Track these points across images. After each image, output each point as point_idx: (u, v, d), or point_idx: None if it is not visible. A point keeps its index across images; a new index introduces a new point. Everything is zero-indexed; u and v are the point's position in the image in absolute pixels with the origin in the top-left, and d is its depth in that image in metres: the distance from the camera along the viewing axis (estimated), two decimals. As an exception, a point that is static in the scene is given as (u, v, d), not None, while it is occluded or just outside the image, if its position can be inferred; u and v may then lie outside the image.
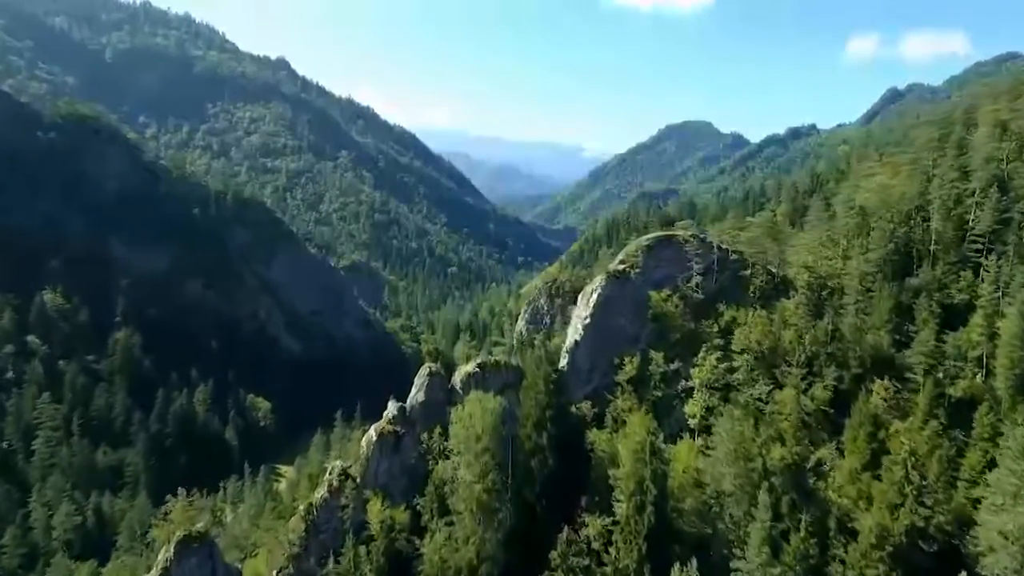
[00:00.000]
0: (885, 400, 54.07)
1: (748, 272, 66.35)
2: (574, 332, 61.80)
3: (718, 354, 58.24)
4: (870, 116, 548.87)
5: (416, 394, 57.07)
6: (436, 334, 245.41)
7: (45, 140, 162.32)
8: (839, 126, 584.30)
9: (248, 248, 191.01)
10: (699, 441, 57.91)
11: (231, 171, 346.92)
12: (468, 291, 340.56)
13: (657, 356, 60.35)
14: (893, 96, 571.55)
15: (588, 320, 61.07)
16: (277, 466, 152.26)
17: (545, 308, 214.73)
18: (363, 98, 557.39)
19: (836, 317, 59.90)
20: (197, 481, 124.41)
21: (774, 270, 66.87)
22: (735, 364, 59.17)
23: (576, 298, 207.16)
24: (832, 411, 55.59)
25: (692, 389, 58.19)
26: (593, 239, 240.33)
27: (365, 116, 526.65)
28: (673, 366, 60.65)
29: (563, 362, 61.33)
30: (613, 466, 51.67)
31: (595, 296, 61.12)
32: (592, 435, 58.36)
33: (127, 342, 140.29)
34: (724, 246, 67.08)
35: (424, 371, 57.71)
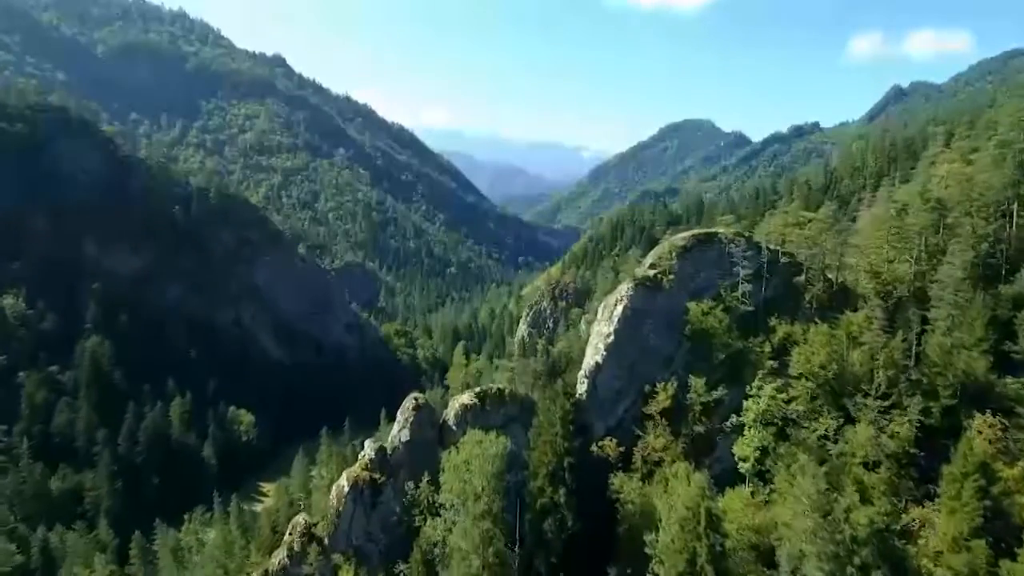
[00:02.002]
0: (991, 441, 42.81)
1: (803, 278, 54.97)
2: (594, 352, 50.39)
3: (777, 382, 46.74)
4: (874, 114, 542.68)
5: (399, 432, 45.65)
6: (433, 339, 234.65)
7: (10, 132, 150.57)
8: (842, 124, 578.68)
9: (232, 249, 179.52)
10: (748, 486, 46.80)
11: (225, 169, 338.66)
12: (467, 292, 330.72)
13: (697, 382, 48.99)
14: (897, 94, 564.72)
15: (612, 338, 49.73)
16: (260, 483, 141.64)
17: (548, 311, 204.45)
18: (362, 97, 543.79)
19: (918, 334, 48.53)
20: (168, 505, 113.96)
21: (832, 276, 55.45)
22: (793, 392, 47.81)
23: (581, 300, 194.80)
24: (919, 453, 44.32)
25: (743, 426, 46.77)
26: (597, 238, 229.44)
27: (363, 114, 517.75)
28: (716, 394, 49.31)
29: (581, 389, 49.92)
30: (648, 527, 40.38)
31: (620, 308, 49.77)
32: (618, 481, 47.09)
33: (95, 351, 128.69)
34: (773, 247, 55.65)
35: (408, 403, 46.24)
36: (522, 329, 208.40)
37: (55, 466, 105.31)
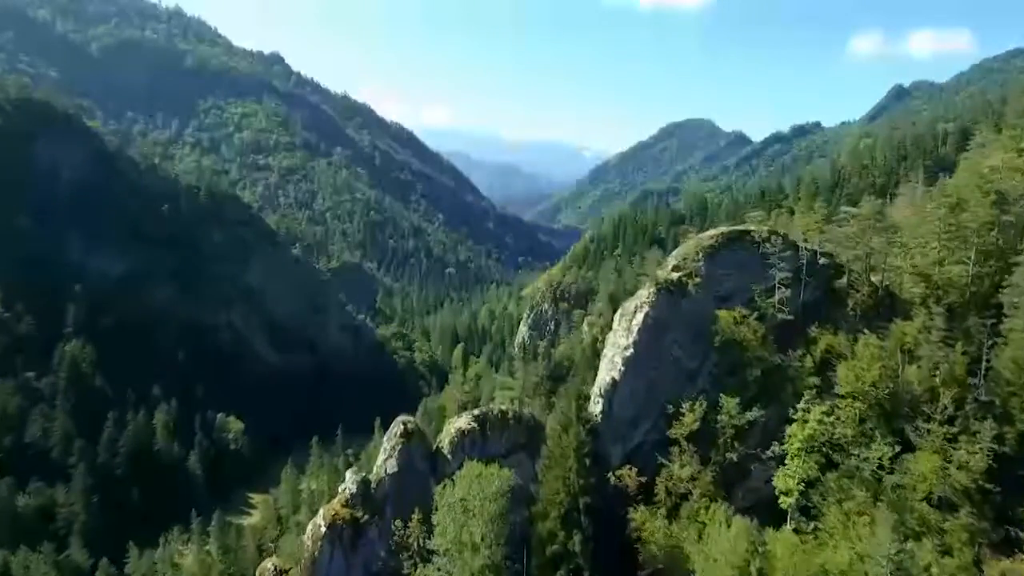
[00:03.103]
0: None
1: (845, 281, 48.54)
2: (610, 367, 43.97)
3: (825, 404, 40.27)
4: (876, 113, 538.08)
5: (385, 462, 39.17)
6: (431, 341, 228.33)
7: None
8: (844, 124, 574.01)
9: (223, 249, 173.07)
10: (790, 523, 40.41)
11: (222, 168, 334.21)
12: (466, 293, 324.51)
13: (729, 402, 42.56)
14: (899, 93, 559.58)
15: (631, 351, 43.31)
16: (250, 494, 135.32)
17: (549, 313, 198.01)
18: (361, 97, 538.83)
19: (983, 347, 42.08)
20: (150, 521, 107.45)
21: (878, 279, 49.01)
22: (840, 414, 41.34)
23: (583, 302, 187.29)
24: (996, 488, 37.91)
25: (783, 455, 40.31)
26: (598, 238, 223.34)
27: (361, 113, 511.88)
28: (751, 415, 42.86)
29: (595, 409, 43.47)
30: (679, 577, 34.06)
31: (641, 317, 43.36)
32: (639, 516, 40.73)
33: (75, 356, 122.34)
34: (810, 246, 49.21)
35: (396, 429, 39.73)
36: (523, 331, 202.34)
37: (26, 480, 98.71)
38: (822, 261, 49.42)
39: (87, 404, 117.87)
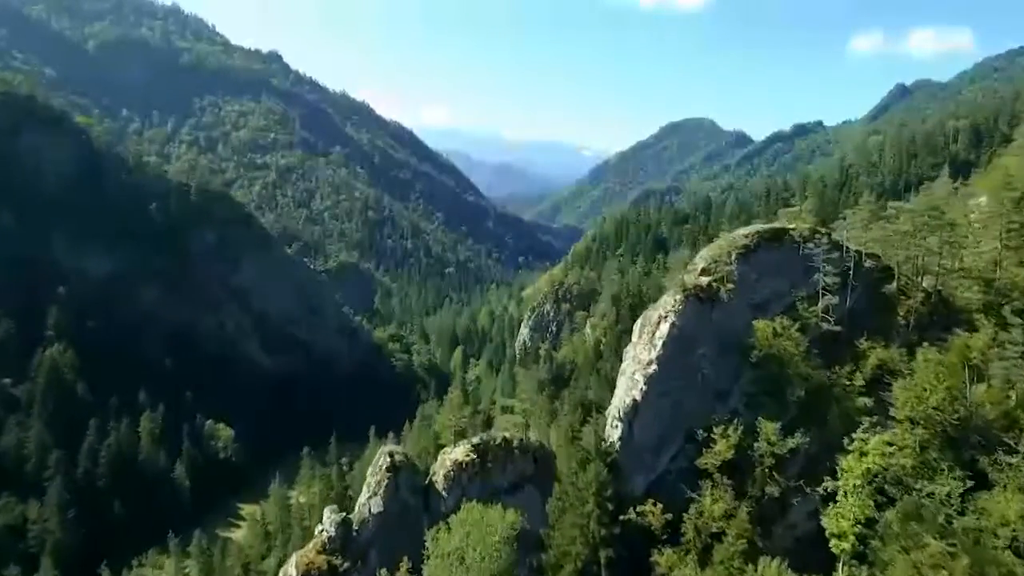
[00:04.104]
0: None
1: (894, 286, 42.68)
2: (631, 386, 38.11)
3: (887, 433, 34.43)
4: (878, 112, 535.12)
5: (369, 501, 33.32)
6: (430, 344, 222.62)
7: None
8: (845, 122, 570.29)
9: (214, 249, 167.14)
10: (842, 570, 34.61)
11: (218, 167, 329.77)
12: (466, 293, 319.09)
13: (768, 426, 36.75)
14: (901, 92, 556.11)
15: (654, 367, 37.49)
16: (240, 505, 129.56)
17: (551, 314, 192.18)
18: (360, 98, 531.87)
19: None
20: (132, 536, 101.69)
21: (932, 284, 43.16)
22: (897, 441, 35.52)
23: (585, 303, 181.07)
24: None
25: (834, 493, 34.50)
26: (600, 238, 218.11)
27: (360, 111, 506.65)
28: (793, 442, 37.03)
29: (614, 434, 37.62)
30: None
31: (666, 328, 37.54)
32: (664, 561, 34.91)
33: (55, 361, 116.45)
34: (854, 246, 43.36)
35: (382, 461, 33.89)
36: (524, 333, 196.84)
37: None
38: (867, 263, 43.59)
39: (67, 412, 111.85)
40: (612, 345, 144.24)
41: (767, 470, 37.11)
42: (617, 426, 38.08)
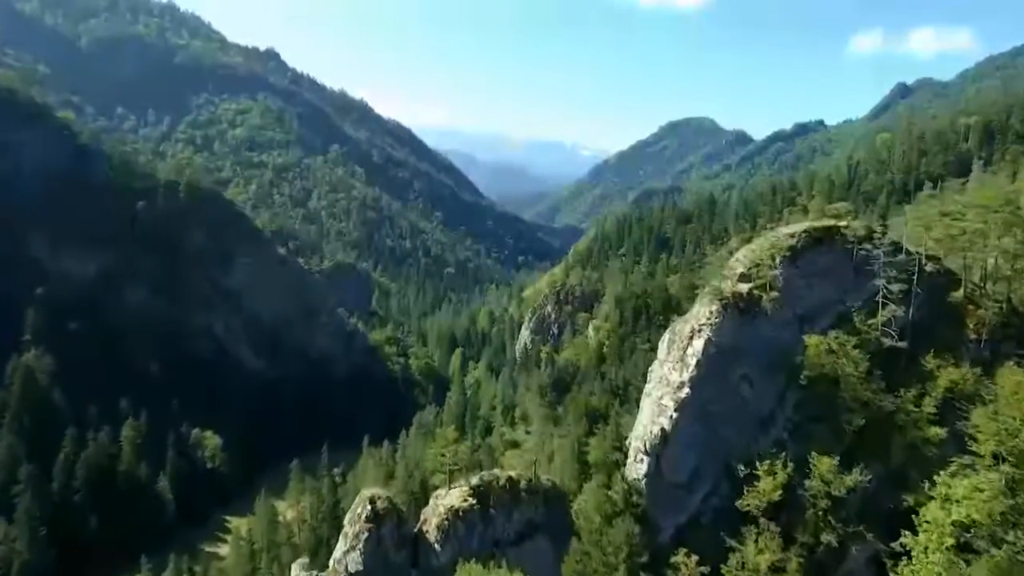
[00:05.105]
0: None
1: (961, 294, 36.77)
2: (658, 412, 32.18)
3: (978, 476, 28.50)
4: (879, 111, 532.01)
5: (345, 556, 27.27)
6: (428, 346, 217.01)
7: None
8: (846, 122, 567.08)
9: (203, 249, 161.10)
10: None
11: (215, 165, 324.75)
12: (465, 293, 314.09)
13: (822, 462, 30.84)
14: (903, 91, 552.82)
15: (687, 391, 31.62)
16: (228, 518, 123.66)
17: (552, 316, 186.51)
18: (359, 96, 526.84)
19: None
20: (105, 555, 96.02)
21: (1006, 291, 37.22)
22: (987, 485, 29.60)
23: (588, 304, 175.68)
24: None
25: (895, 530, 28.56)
26: (602, 237, 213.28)
27: (359, 110, 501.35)
28: (852, 480, 31.14)
29: (639, 470, 31.68)
30: None
31: (700, 344, 31.62)
32: (702, 623, 29.07)
33: (30, 367, 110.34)
34: (913, 248, 37.43)
35: (361, 509, 27.87)
36: (524, 335, 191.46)
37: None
38: (928, 267, 37.67)
39: (42, 422, 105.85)
40: (615, 348, 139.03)
41: (821, 513, 31.16)
42: (643, 460, 32.18)
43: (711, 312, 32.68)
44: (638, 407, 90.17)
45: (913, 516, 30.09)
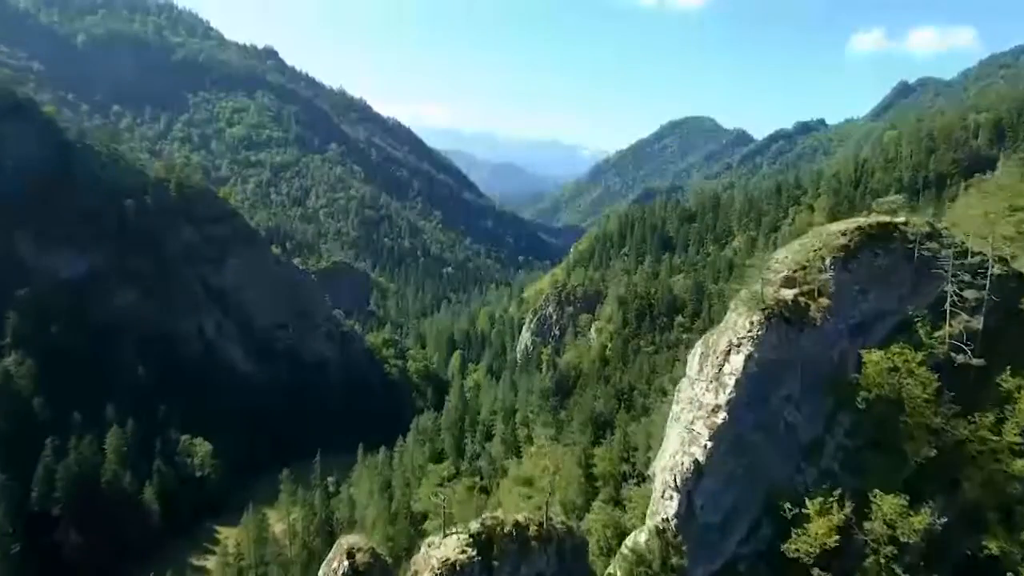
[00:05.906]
0: None
1: (1036, 302, 31.86)
2: (690, 440, 27.28)
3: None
4: (881, 110, 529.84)
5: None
6: (427, 348, 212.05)
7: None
8: (848, 121, 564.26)
9: (194, 248, 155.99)
10: None
11: (212, 164, 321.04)
12: (465, 293, 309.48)
13: (886, 501, 25.93)
14: (905, 90, 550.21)
15: (724, 416, 26.70)
16: (218, 528, 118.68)
17: (554, 317, 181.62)
18: (359, 95, 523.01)
19: None
20: (87, 572, 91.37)
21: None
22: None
23: (590, 305, 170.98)
24: None
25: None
26: (604, 237, 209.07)
27: (357, 108, 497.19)
28: (921, 521, 26.24)
29: (668, 510, 26.77)
30: None
31: (740, 361, 26.75)
32: None
33: (9, 372, 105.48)
34: (977, 249, 32.54)
35: (337, 561, 23.04)
36: (525, 337, 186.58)
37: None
38: (996, 270, 32.78)
39: (21, 430, 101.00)
40: (619, 350, 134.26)
41: (884, 561, 26.27)
42: (672, 497, 27.31)
43: (751, 323, 27.79)
44: (645, 414, 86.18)
45: (995, 564, 25.43)
